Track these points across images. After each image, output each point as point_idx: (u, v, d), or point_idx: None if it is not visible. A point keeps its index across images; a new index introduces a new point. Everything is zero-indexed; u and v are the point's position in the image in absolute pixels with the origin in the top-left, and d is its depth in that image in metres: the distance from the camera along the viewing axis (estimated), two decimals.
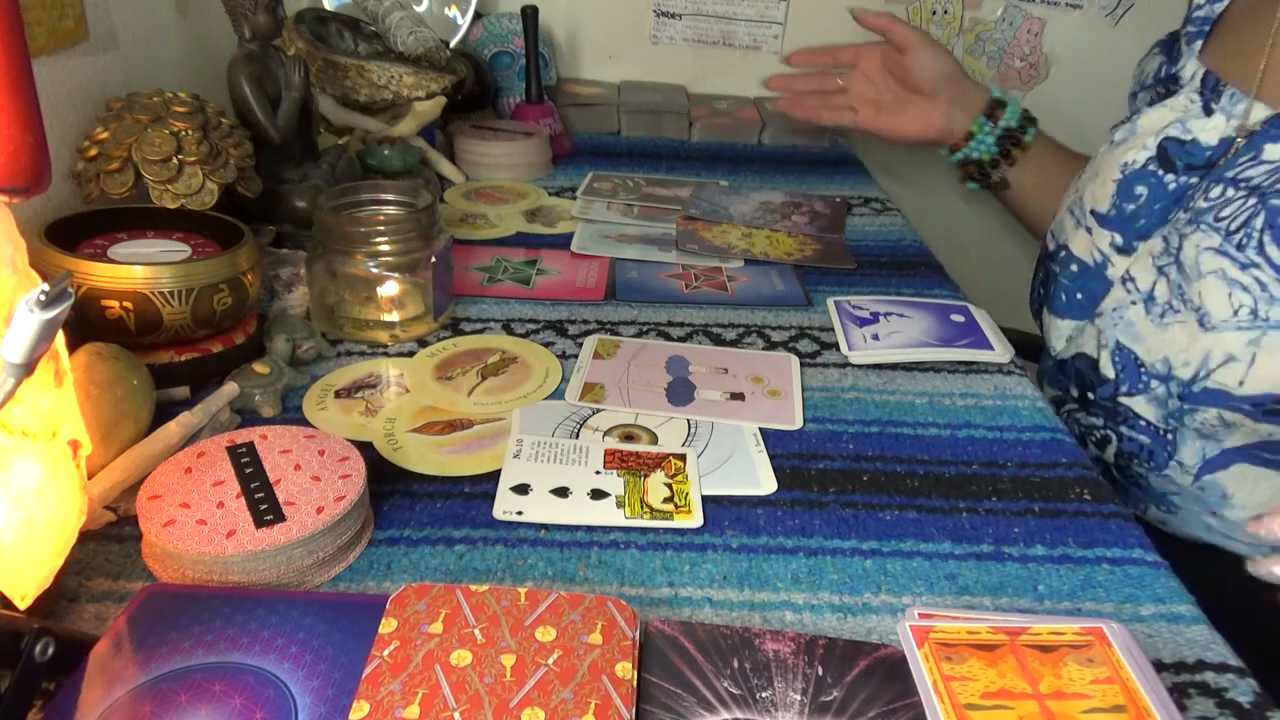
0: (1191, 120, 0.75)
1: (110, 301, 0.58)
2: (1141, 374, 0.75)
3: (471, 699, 0.39)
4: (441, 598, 0.44)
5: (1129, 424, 0.77)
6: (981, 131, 1.02)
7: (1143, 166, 0.77)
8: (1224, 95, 0.74)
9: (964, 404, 0.68)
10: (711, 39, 1.40)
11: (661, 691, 0.41)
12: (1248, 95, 0.72)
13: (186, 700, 0.39)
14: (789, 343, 0.76)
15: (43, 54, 0.67)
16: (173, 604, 0.43)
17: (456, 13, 1.21)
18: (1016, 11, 1.38)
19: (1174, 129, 0.76)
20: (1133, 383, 0.75)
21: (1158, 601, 0.50)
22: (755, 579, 0.50)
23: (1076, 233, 0.83)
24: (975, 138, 1.02)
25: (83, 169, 0.67)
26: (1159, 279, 0.74)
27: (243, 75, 0.77)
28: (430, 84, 0.98)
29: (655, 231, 0.96)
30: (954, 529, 0.55)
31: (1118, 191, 0.79)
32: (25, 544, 0.38)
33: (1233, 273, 0.67)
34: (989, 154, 1.03)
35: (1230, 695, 0.44)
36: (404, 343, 0.72)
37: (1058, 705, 0.40)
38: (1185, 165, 0.75)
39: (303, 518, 0.47)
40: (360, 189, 0.74)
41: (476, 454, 0.59)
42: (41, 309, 0.34)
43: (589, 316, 0.78)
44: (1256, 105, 0.72)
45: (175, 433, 0.55)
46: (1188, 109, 0.76)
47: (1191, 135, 0.75)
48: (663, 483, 0.57)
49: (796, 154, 1.25)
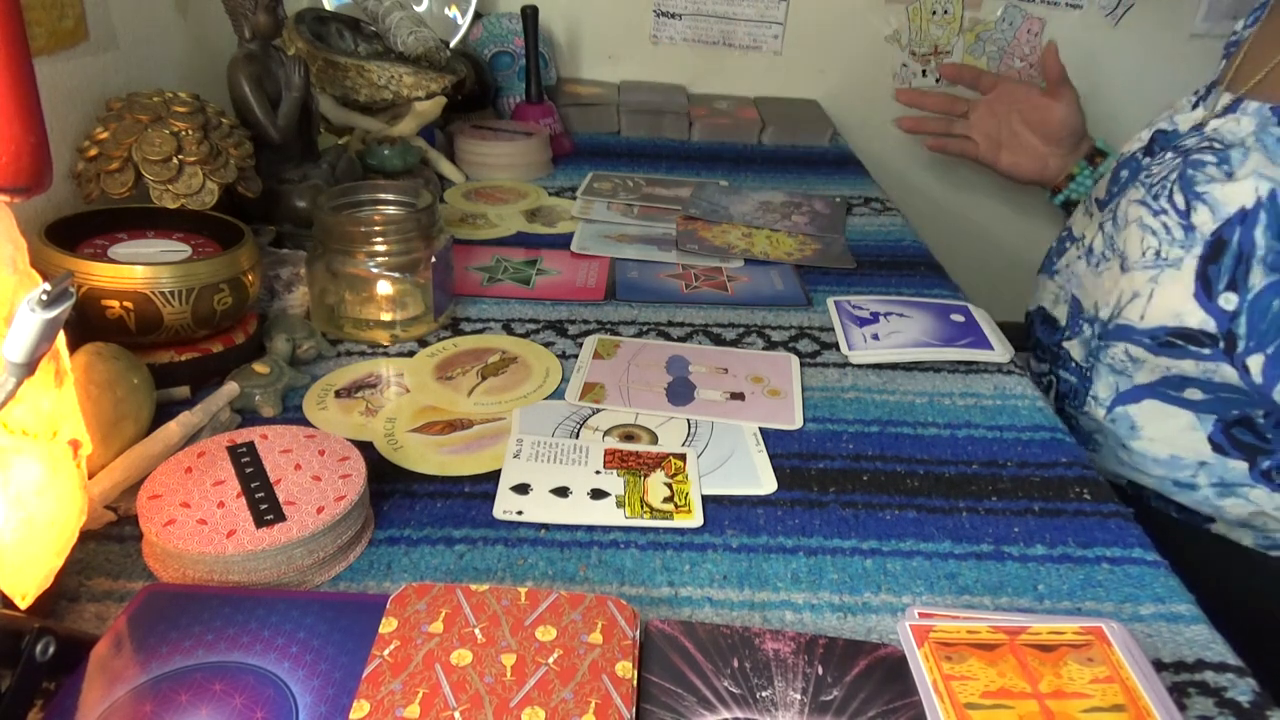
0: (1179, 115, 0.83)
1: (110, 301, 0.58)
2: (1079, 319, 0.82)
3: (472, 698, 0.39)
4: (442, 597, 0.44)
5: (1064, 366, 0.84)
6: (1082, 174, 1.06)
7: (1131, 154, 0.85)
8: (1211, 93, 0.81)
9: (964, 404, 0.68)
10: (711, 39, 1.40)
11: (661, 691, 0.41)
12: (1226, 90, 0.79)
13: (187, 700, 0.39)
14: (789, 343, 0.76)
15: (43, 54, 0.67)
16: (173, 604, 0.43)
17: (456, 13, 1.22)
18: (1016, 11, 1.38)
19: (1164, 122, 0.83)
20: (1073, 328, 0.83)
21: (1157, 601, 0.50)
22: (755, 579, 0.50)
23: (1082, 218, 0.90)
24: (1075, 179, 1.06)
25: (83, 169, 0.67)
26: (1098, 234, 0.82)
27: (243, 75, 0.77)
28: (430, 84, 0.98)
29: (655, 231, 0.96)
30: (954, 529, 0.55)
31: (1111, 178, 0.87)
32: (26, 544, 0.38)
33: (1148, 219, 0.75)
34: (1083, 197, 1.06)
35: (1230, 694, 0.44)
36: (404, 343, 0.72)
37: (1058, 705, 0.40)
38: (1160, 148, 0.81)
39: (303, 517, 0.47)
40: (360, 189, 0.74)
41: (476, 454, 0.59)
42: (42, 309, 0.34)
43: (589, 316, 0.78)
44: (1225, 95, 0.78)
45: (175, 433, 0.55)
46: (1182, 106, 0.83)
47: (1174, 126, 0.82)
48: (663, 482, 0.57)
49: (796, 154, 1.25)
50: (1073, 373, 0.82)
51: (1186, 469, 0.76)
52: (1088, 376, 0.80)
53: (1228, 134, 0.72)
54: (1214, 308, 0.69)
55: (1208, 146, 0.73)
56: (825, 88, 1.44)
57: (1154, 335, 0.73)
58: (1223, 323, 0.69)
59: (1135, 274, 0.74)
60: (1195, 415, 0.74)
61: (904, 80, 1.44)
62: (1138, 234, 0.75)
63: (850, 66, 1.42)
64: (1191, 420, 0.74)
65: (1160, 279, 0.72)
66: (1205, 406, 0.73)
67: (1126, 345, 0.75)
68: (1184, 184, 0.72)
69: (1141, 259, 0.74)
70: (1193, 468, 0.76)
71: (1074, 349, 0.82)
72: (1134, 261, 0.75)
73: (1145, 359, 0.74)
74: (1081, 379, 0.81)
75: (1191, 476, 0.76)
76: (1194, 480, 0.76)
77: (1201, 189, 0.71)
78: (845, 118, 1.43)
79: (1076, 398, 0.82)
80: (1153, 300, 0.72)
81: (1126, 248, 0.76)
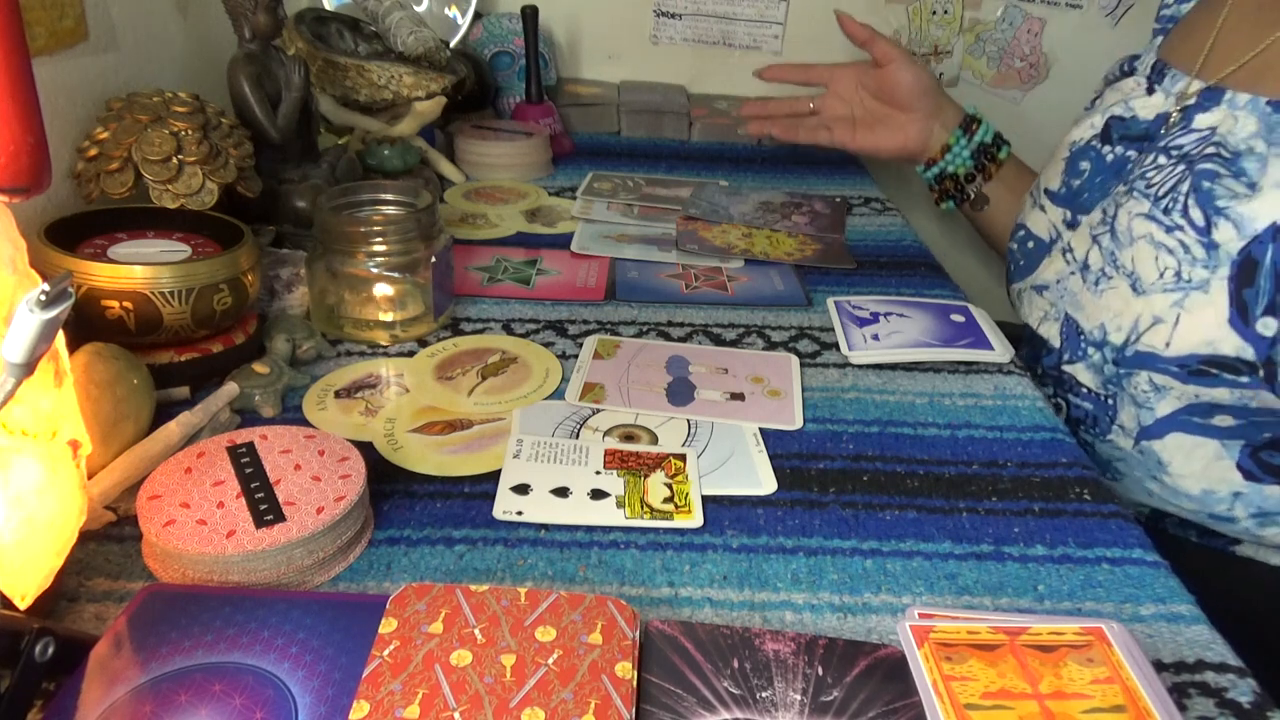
0: (1134, 100, 0.78)
1: (110, 301, 0.58)
2: (1081, 342, 0.76)
3: (471, 699, 0.39)
4: (441, 598, 0.44)
5: (1073, 392, 0.79)
6: (958, 144, 1.02)
7: (1087, 143, 0.81)
8: (1166, 77, 0.77)
9: (964, 404, 0.68)
10: (711, 39, 1.40)
11: (661, 691, 0.41)
12: (1187, 75, 0.75)
13: (186, 700, 0.39)
14: (789, 343, 0.76)
15: (43, 54, 0.67)
16: (173, 604, 0.43)
17: (456, 13, 1.22)
18: (1016, 11, 1.38)
19: (1118, 108, 0.79)
20: (1073, 351, 0.77)
21: (1158, 601, 0.50)
22: (755, 579, 0.50)
23: (1033, 211, 0.86)
24: (951, 150, 1.02)
25: (83, 169, 0.67)
26: (1093, 247, 0.76)
27: (243, 75, 0.77)
28: (430, 84, 0.98)
29: (655, 231, 0.96)
30: (954, 529, 0.55)
31: (1066, 169, 0.82)
32: (25, 544, 0.38)
33: (1159, 236, 0.69)
34: (964, 167, 1.03)
35: (1230, 695, 0.44)
36: (404, 343, 0.72)
37: (1058, 705, 0.40)
38: (1120, 136, 0.78)
39: (303, 518, 0.47)
40: (360, 189, 0.74)
41: (476, 454, 0.59)
42: (42, 309, 0.34)
43: (589, 316, 0.78)
44: (1195, 82, 0.74)
45: (175, 433, 0.55)
46: (1133, 90, 0.80)
47: (1132, 112, 0.78)
48: (663, 483, 0.57)
49: (796, 154, 1.25)
50: (1087, 399, 0.77)
51: (1221, 502, 0.72)
52: (1110, 405, 0.75)
53: (1229, 136, 0.68)
54: (1251, 334, 0.64)
55: (1214, 153, 0.68)
56: None
57: (1183, 364, 0.67)
58: (1261, 349, 0.64)
59: (1153, 297, 0.69)
60: (1220, 443, 0.70)
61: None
62: (1149, 252, 0.69)
63: None
64: (1217, 449, 0.70)
65: (1186, 303, 0.67)
66: (1234, 433, 0.69)
67: (1150, 374, 0.70)
68: (1201, 199, 0.67)
69: (1159, 280, 0.68)
70: (1227, 500, 0.72)
71: (1081, 374, 0.77)
72: (1150, 283, 0.69)
73: (1172, 387, 0.69)
74: (1101, 407, 0.76)
75: (1228, 510, 0.72)
76: (1231, 513, 0.72)
77: (1223, 204, 0.66)
78: None
79: (1097, 426, 0.77)
80: (1179, 327, 0.67)
81: (1137, 267, 0.70)
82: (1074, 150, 0.82)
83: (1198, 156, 0.69)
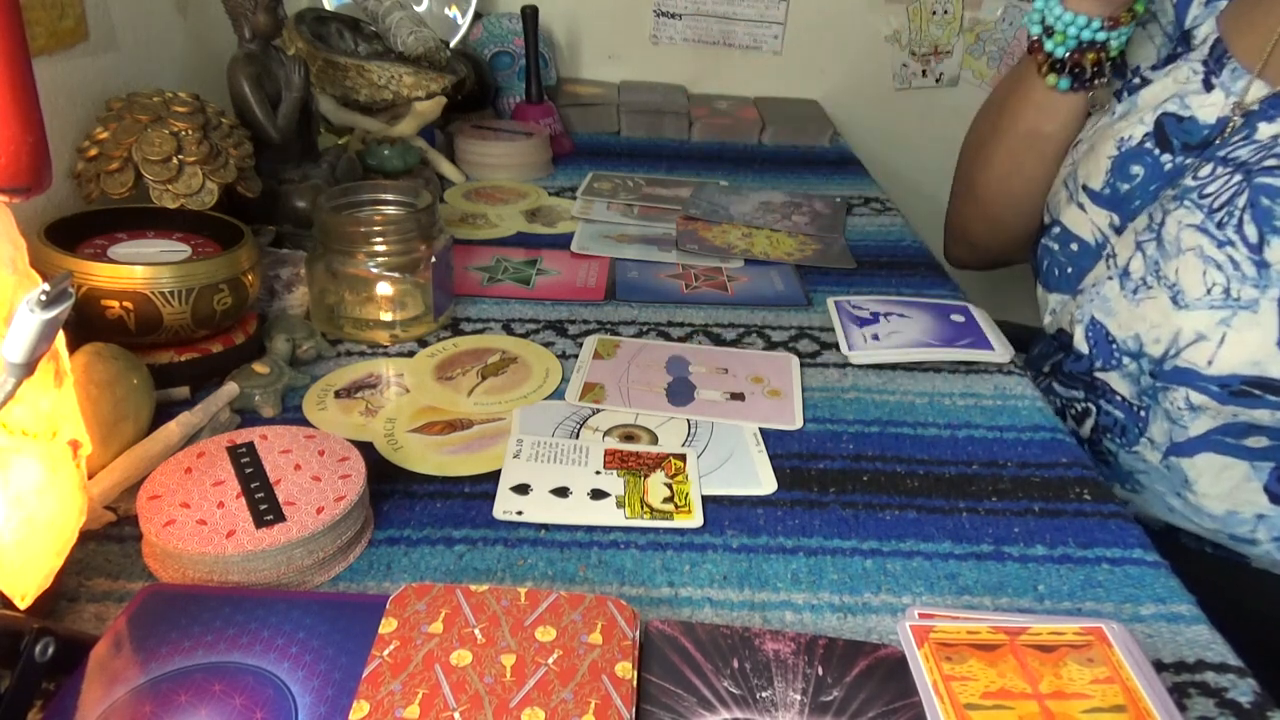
0: (1191, 96, 0.74)
1: (110, 301, 0.58)
2: (1114, 350, 0.74)
3: (471, 699, 0.39)
4: (441, 598, 0.44)
5: (1106, 398, 0.77)
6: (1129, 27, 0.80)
7: (1139, 144, 0.76)
8: (1226, 69, 0.72)
9: (964, 404, 0.68)
10: (711, 39, 1.40)
11: (661, 691, 0.41)
12: (1250, 72, 0.71)
13: (186, 700, 0.39)
14: (789, 343, 0.76)
15: (43, 54, 0.67)
16: (173, 604, 0.43)
17: (456, 13, 1.22)
18: (1016, 11, 1.38)
19: (1173, 104, 0.75)
20: (1105, 359, 0.75)
21: (1158, 601, 0.50)
22: (755, 579, 0.50)
23: (1069, 207, 0.81)
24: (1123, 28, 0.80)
25: (83, 169, 0.67)
26: (1135, 254, 0.73)
27: (243, 75, 0.77)
28: (430, 84, 0.98)
29: (655, 231, 0.96)
30: (954, 529, 0.55)
31: (1113, 169, 0.77)
32: (25, 544, 0.38)
33: (1209, 250, 0.67)
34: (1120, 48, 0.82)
35: (1230, 695, 0.44)
36: (404, 343, 0.72)
37: (1058, 705, 0.40)
38: (1182, 145, 0.73)
39: (303, 518, 0.47)
40: (360, 189, 0.74)
41: (476, 454, 0.59)
42: (42, 309, 0.34)
43: (589, 316, 0.78)
44: (1256, 83, 0.71)
45: (175, 433, 0.55)
46: (1189, 80, 0.75)
47: (1190, 112, 0.74)
48: (663, 483, 0.57)
49: (796, 154, 1.25)
50: (1119, 408, 0.75)
51: (1244, 524, 0.71)
52: (1141, 417, 0.73)
53: None
54: None
55: (1275, 165, 0.65)
56: (825, 88, 1.44)
57: (1225, 383, 0.66)
58: None
59: (1198, 313, 0.67)
60: (1251, 465, 0.69)
61: (904, 80, 1.44)
62: (1197, 265, 0.67)
63: (850, 66, 1.43)
64: (1247, 471, 0.69)
65: (1234, 322, 0.65)
66: (1266, 454, 0.68)
67: (1189, 391, 0.68)
68: (1258, 215, 0.64)
69: (1206, 296, 0.66)
70: (1250, 523, 0.70)
71: (1115, 381, 0.75)
72: (1194, 298, 0.67)
73: (1209, 406, 0.67)
74: (1132, 417, 0.74)
75: (1250, 532, 0.71)
76: (1253, 535, 0.71)
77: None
78: (845, 118, 1.43)
79: (1125, 436, 0.75)
80: (1225, 345, 0.65)
81: (1181, 280, 0.68)
82: (1123, 151, 0.76)
83: (1257, 168, 0.66)
